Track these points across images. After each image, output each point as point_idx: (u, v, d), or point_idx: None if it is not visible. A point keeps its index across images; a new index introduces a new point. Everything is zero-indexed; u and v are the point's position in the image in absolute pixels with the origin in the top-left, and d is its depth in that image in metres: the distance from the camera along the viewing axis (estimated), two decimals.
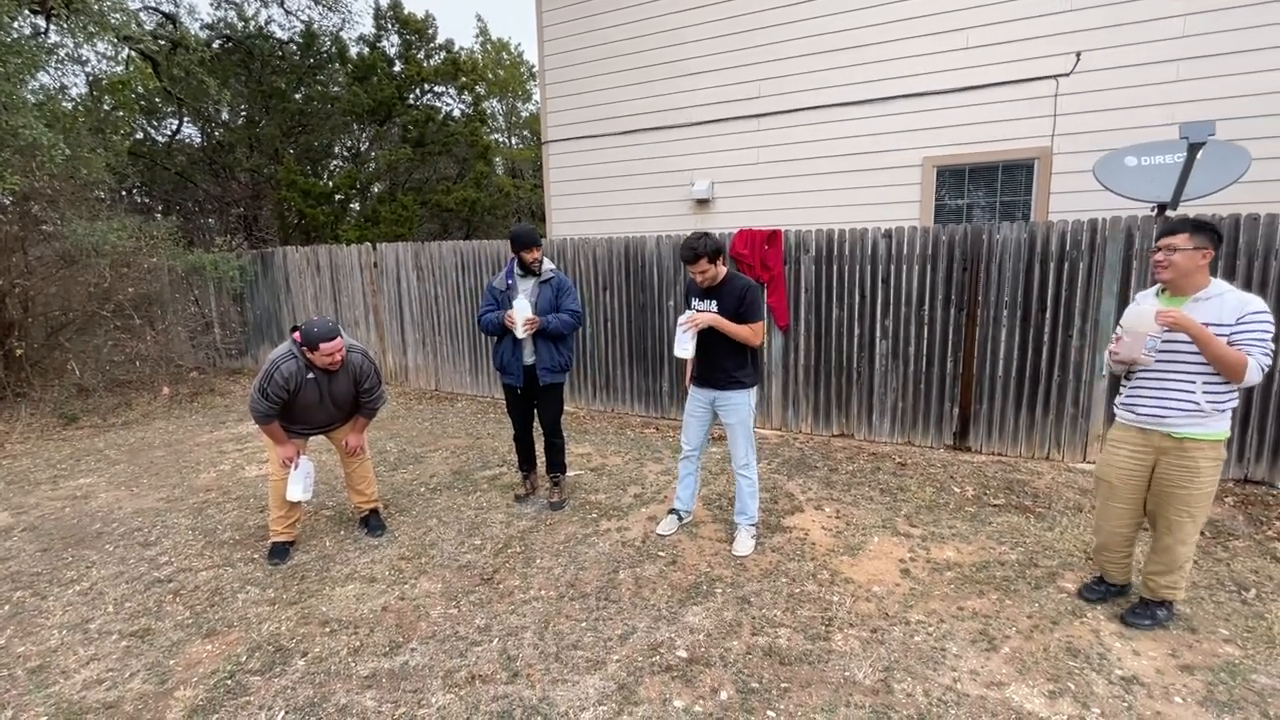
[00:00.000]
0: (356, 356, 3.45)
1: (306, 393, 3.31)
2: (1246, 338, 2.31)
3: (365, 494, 3.76)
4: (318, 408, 3.40)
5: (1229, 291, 2.38)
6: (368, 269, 7.56)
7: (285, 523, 3.49)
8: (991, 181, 6.08)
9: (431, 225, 15.45)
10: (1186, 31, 5.15)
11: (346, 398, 3.47)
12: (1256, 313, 2.31)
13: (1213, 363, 2.34)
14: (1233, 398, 2.41)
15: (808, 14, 6.46)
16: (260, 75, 12.33)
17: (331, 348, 3.20)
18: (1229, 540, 3.41)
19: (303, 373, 3.27)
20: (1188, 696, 2.27)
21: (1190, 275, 2.40)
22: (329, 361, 3.24)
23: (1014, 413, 4.71)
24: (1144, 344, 2.40)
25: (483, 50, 20.40)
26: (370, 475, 3.77)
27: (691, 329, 3.20)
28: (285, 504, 3.45)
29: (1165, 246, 2.42)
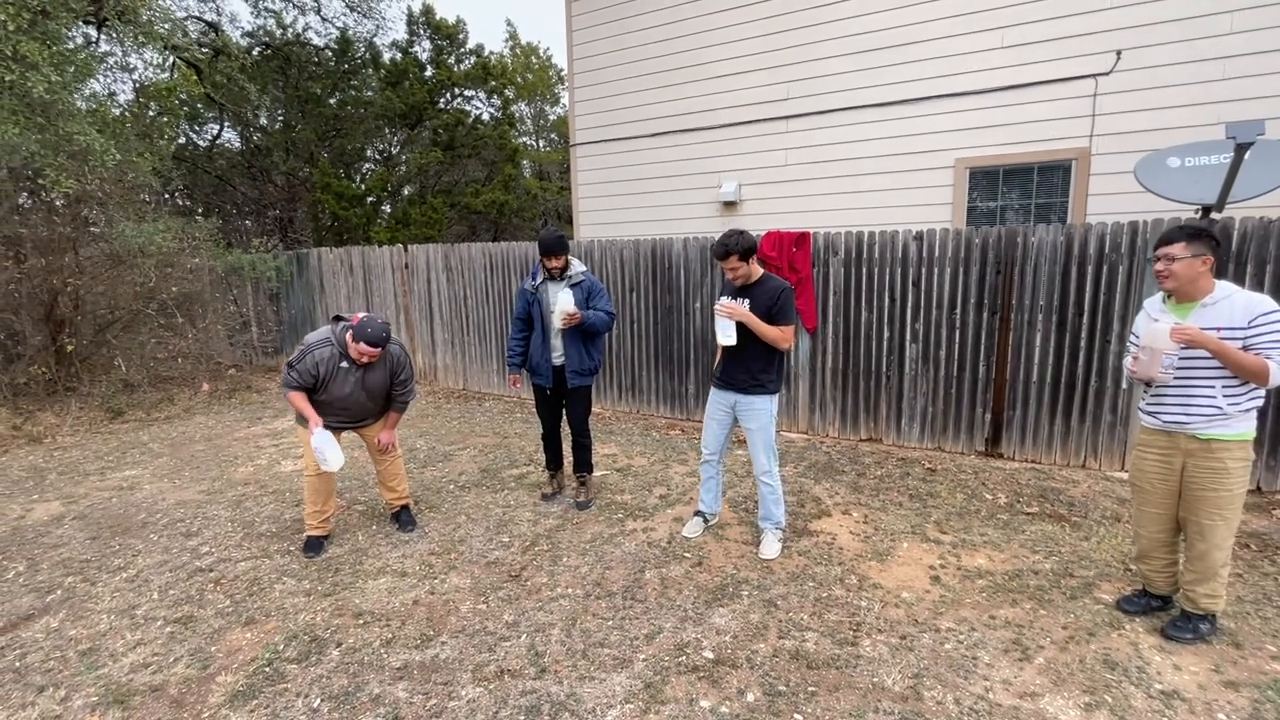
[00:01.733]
0: (396, 348, 3.55)
1: (340, 382, 3.37)
2: (1263, 340, 2.31)
3: (397, 490, 3.84)
4: (351, 398, 3.46)
5: (1237, 293, 2.39)
6: (399, 270, 7.71)
7: (320, 517, 3.58)
8: (1026, 183, 5.96)
9: (460, 227, 15.67)
10: (1234, 28, 4.99)
11: (381, 389, 3.53)
12: (1267, 314, 2.31)
13: (1234, 371, 2.34)
14: (1255, 398, 2.40)
15: (839, 14, 6.42)
16: (297, 81, 12.65)
17: (369, 351, 3.27)
18: (1276, 555, 3.29)
19: (336, 360, 3.34)
20: (1232, 714, 2.20)
21: (1193, 282, 2.42)
22: (357, 354, 3.31)
23: (1049, 419, 4.61)
24: (1161, 362, 2.42)
25: (512, 54, 20.65)
26: (401, 472, 3.84)
27: (727, 318, 3.18)
28: (320, 499, 3.54)
29: (1164, 256, 2.44)
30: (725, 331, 3.21)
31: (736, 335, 3.22)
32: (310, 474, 3.51)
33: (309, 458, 3.49)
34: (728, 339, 3.22)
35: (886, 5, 6.18)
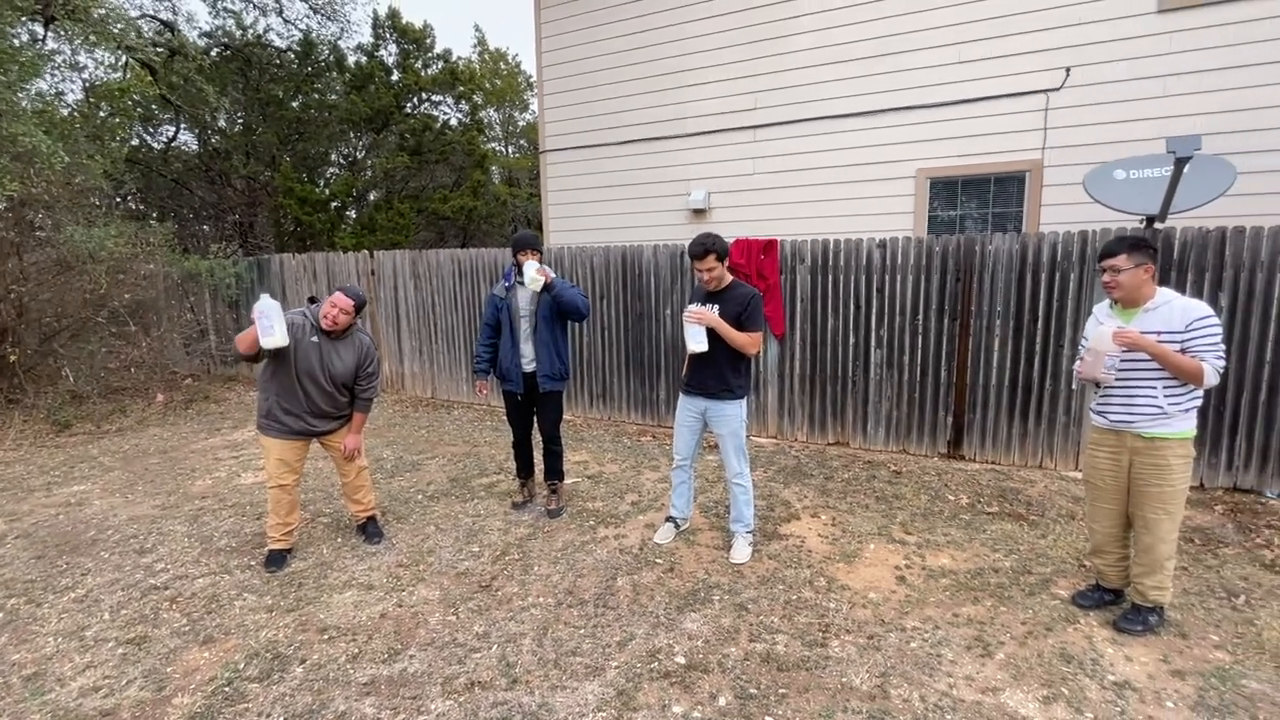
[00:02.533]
0: (365, 338, 3.54)
1: (305, 352, 3.30)
2: (1199, 344, 2.45)
3: (362, 502, 3.76)
4: (314, 380, 3.36)
5: (1176, 299, 2.54)
6: (365, 276, 7.58)
7: (283, 530, 3.49)
8: (984, 193, 6.17)
9: (428, 233, 15.47)
10: (1173, 49, 5.27)
11: (344, 376, 3.45)
12: (1202, 319, 2.46)
13: (1172, 373, 2.48)
14: (1194, 399, 2.54)
15: (804, 28, 6.56)
16: (258, 83, 12.36)
17: (343, 303, 3.29)
18: (1219, 547, 3.46)
19: (306, 331, 3.31)
20: (1179, 701, 2.31)
21: (1137, 289, 2.56)
22: (329, 312, 3.29)
23: (1007, 421, 4.76)
24: (1104, 363, 2.56)
25: (480, 60, 20.53)
26: (367, 483, 3.77)
27: (698, 325, 3.21)
28: (283, 511, 3.44)
29: (1109, 268, 2.57)
30: (696, 338, 3.23)
31: (710, 341, 3.24)
32: (273, 486, 3.42)
33: (271, 467, 3.40)
34: (699, 345, 3.23)
35: (849, 20, 6.35)
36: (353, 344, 3.47)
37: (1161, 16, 5.28)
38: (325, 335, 3.38)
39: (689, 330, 3.24)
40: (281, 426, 3.39)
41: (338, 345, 3.42)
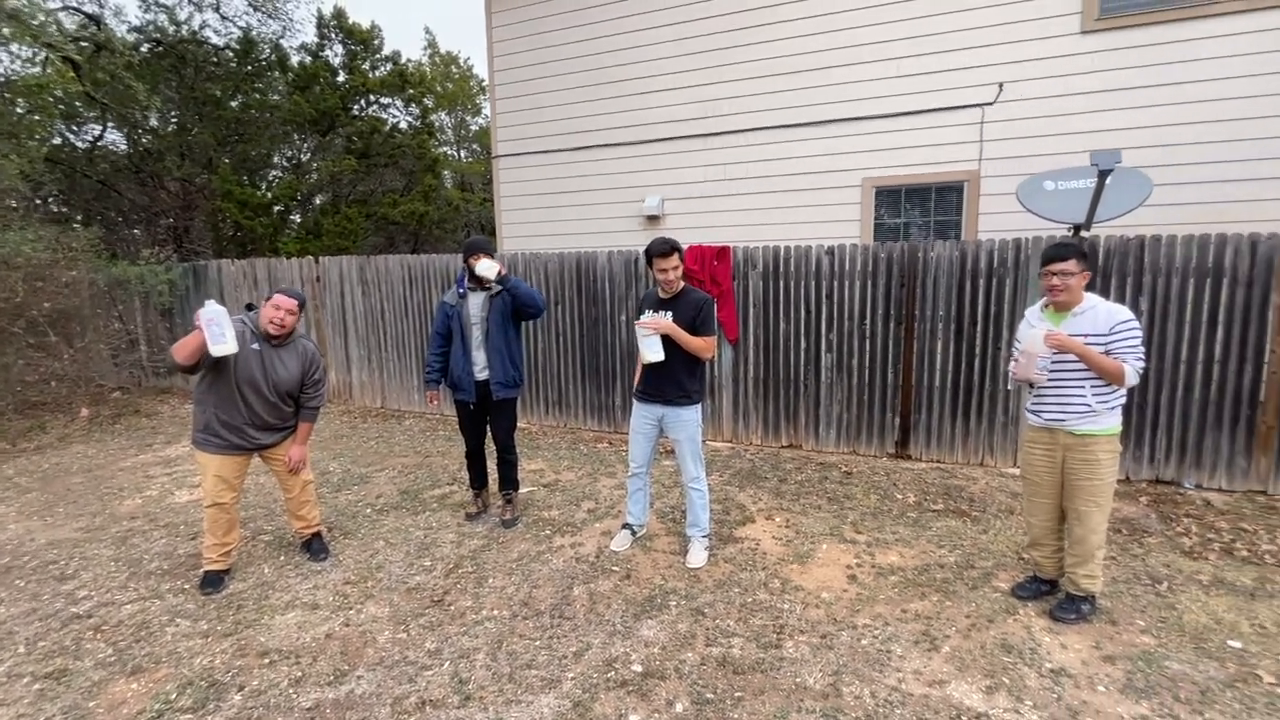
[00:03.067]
0: (310, 344, 3.43)
1: (247, 363, 3.15)
2: (1120, 346, 2.61)
3: (307, 518, 3.61)
4: (257, 390, 3.21)
5: (1100, 303, 2.70)
6: (310, 283, 7.32)
7: (221, 550, 3.31)
8: (926, 202, 6.41)
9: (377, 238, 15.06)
10: (1095, 67, 5.60)
11: (289, 385, 3.31)
12: (1124, 323, 2.62)
13: (1097, 373, 2.63)
14: (1119, 397, 2.70)
15: (753, 39, 6.69)
16: (193, 81, 11.80)
17: (280, 301, 3.17)
18: (1144, 537, 3.67)
19: (245, 337, 3.15)
20: (1110, 685, 2.43)
21: (1075, 291, 2.71)
22: (274, 318, 3.17)
23: (950, 421, 4.94)
24: (1037, 364, 2.69)
25: (431, 63, 20.18)
26: (312, 498, 3.62)
27: (653, 333, 3.20)
28: (221, 530, 3.28)
29: (1059, 272, 2.68)
30: (653, 349, 3.21)
31: (665, 348, 3.23)
32: (210, 504, 3.24)
33: (209, 485, 3.22)
34: (656, 355, 3.21)
35: (794, 33, 6.51)
36: (296, 350, 3.35)
37: (1085, 37, 5.61)
38: (266, 342, 3.24)
39: (645, 341, 3.22)
40: (221, 441, 3.22)
41: (280, 352, 3.29)
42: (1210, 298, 4.22)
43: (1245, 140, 5.21)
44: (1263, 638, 2.70)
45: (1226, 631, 2.74)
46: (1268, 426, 4.19)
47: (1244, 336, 4.17)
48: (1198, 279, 4.23)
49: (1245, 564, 3.33)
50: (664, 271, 3.26)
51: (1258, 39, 5.12)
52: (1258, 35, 5.12)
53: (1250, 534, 3.65)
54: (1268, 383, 4.15)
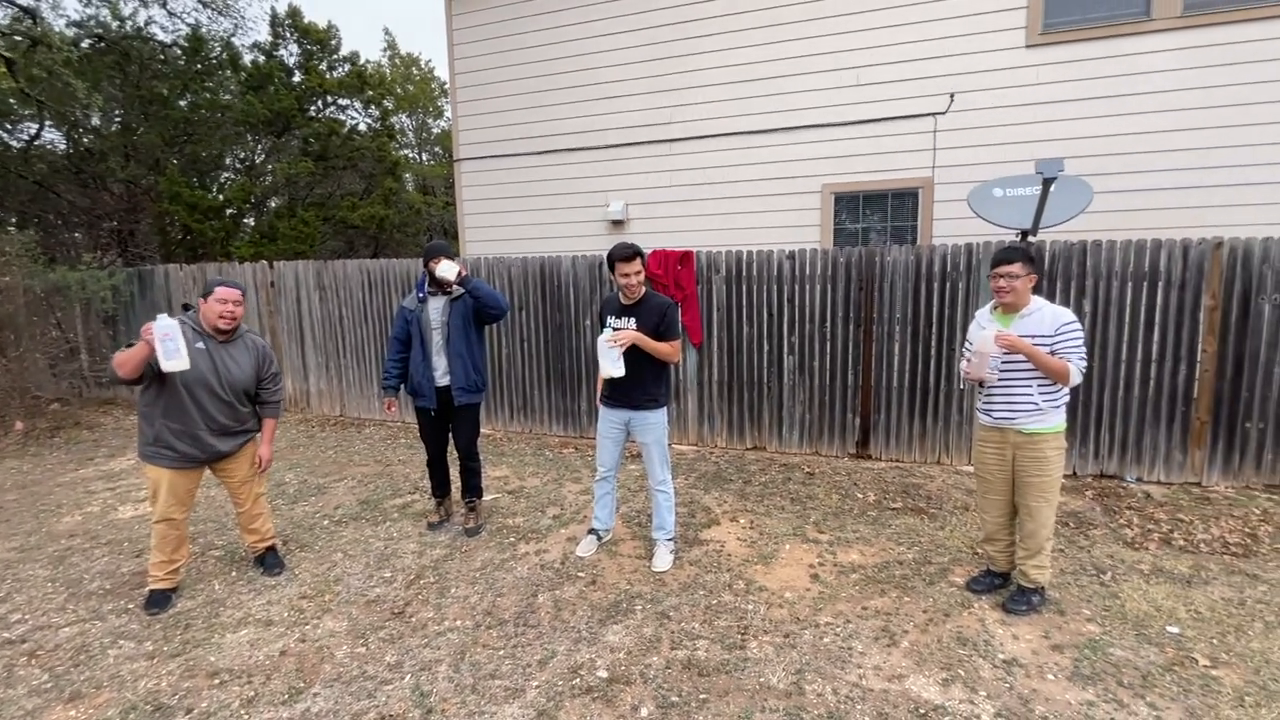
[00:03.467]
0: (259, 338, 3.33)
1: (195, 364, 3.00)
2: (1065, 346, 2.73)
3: (260, 532, 3.48)
4: (210, 390, 3.08)
5: (1046, 306, 2.83)
6: (263, 288, 7.10)
7: (168, 568, 3.17)
8: (883, 208, 6.57)
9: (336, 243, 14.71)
10: (1040, 80, 5.84)
11: (245, 382, 3.20)
12: (1068, 324, 2.75)
13: (1043, 372, 2.75)
14: (1063, 396, 2.83)
15: (716, 46, 6.77)
16: (138, 79, 11.32)
17: (226, 294, 3.07)
18: (1089, 529, 3.83)
19: (189, 336, 3.00)
20: (1059, 673, 2.52)
21: (1023, 296, 2.82)
22: (224, 311, 3.06)
23: (908, 421, 5.07)
24: (988, 364, 2.79)
25: (391, 64, 19.84)
26: (265, 510, 3.50)
27: (617, 348, 3.19)
28: (169, 547, 3.13)
29: (1006, 275, 2.80)
30: (615, 364, 3.18)
31: (633, 355, 3.22)
32: (160, 521, 3.09)
33: (160, 501, 3.06)
34: (617, 371, 3.18)
35: (754, 41, 6.62)
36: (245, 346, 3.23)
37: (1029, 51, 5.85)
38: (212, 339, 3.11)
39: (607, 355, 3.18)
40: (173, 453, 3.06)
41: (229, 349, 3.16)
42: (1147, 300, 4.44)
43: (1179, 150, 5.50)
44: (1198, 622, 2.84)
45: (1165, 618, 2.88)
46: (1201, 422, 4.41)
47: (1178, 337, 4.40)
48: (1135, 282, 4.45)
49: (1182, 553, 3.50)
50: (626, 276, 3.25)
51: (1189, 55, 5.42)
52: (1189, 51, 5.42)
53: (1187, 524, 3.84)
54: (1200, 380, 4.38)
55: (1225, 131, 5.38)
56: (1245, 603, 3.00)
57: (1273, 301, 4.21)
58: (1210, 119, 5.41)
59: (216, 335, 3.13)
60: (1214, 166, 5.42)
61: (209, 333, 3.12)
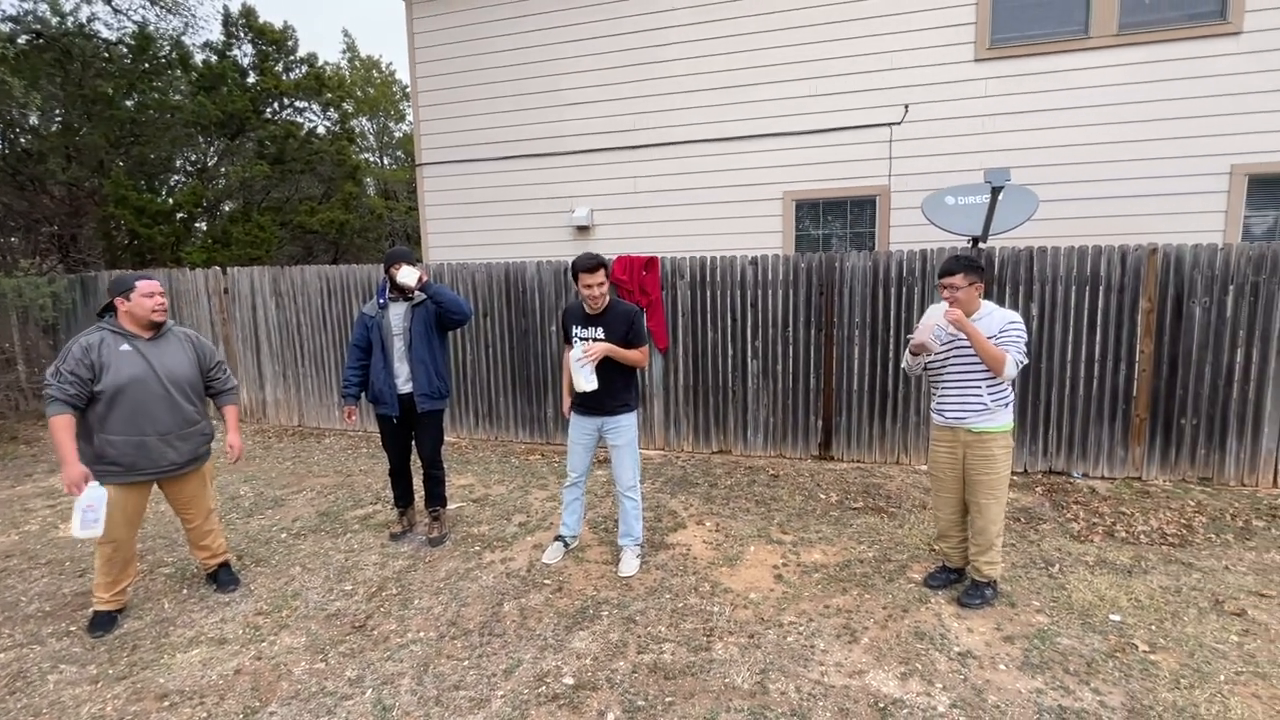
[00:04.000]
0: (190, 330, 3.24)
1: (127, 365, 2.86)
2: (1006, 340, 2.87)
3: (212, 548, 3.36)
4: (153, 392, 2.92)
5: (996, 310, 2.96)
6: (217, 295, 6.88)
7: (114, 589, 3.03)
8: (843, 214, 6.74)
9: (294, 248, 14.32)
10: (988, 92, 6.08)
11: (189, 377, 3.08)
12: (1013, 322, 2.90)
13: (982, 357, 2.84)
14: (1009, 395, 2.95)
15: (676, 55, 6.85)
16: (81, 78, 10.86)
17: (150, 286, 2.94)
18: (1039, 524, 3.98)
19: (112, 345, 2.87)
20: (1009, 663, 2.62)
21: (970, 303, 2.94)
22: (155, 305, 2.94)
23: (869, 423, 5.20)
24: (933, 332, 2.91)
25: (351, 67, 19.45)
26: (216, 526, 3.38)
27: (589, 362, 3.19)
28: (115, 568, 3.00)
29: (948, 286, 2.93)
30: (589, 380, 3.19)
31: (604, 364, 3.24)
32: (106, 542, 2.94)
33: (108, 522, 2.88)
34: (590, 385, 3.19)
35: (716, 50, 6.72)
36: (177, 340, 3.11)
37: (978, 64, 6.08)
38: (138, 339, 2.96)
39: (580, 371, 3.18)
40: (118, 468, 2.90)
41: (159, 345, 3.01)
42: (1090, 303, 4.66)
43: (1117, 161, 5.78)
44: (1138, 610, 2.99)
45: (1108, 607, 3.01)
46: (1140, 419, 4.64)
47: (1118, 338, 4.62)
48: (1079, 286, 4.66)
49: (1124, 544, 3.67)
50: (589, 288, 3.25)
51: (1125, 71, 5.71)
52: (1125, 68, 5.71)
53: (1128, 517, 4.03)
54: (1138, 380, 4.61)
55: (1159, 144, 5.69)
56: (1181, 590, 3.16)
57: (1203, 304, 4.46)
58: (1145, 132, 5.71)
59: (144, 333, 2.99)
60: (1149, 177, 5.72)
61: (134, 333, 2.96)
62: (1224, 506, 4.14)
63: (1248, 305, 4.39)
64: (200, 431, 3.17)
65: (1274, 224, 5.62)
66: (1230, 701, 2.36)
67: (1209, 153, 5.58)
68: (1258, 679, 2.49)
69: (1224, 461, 4.54)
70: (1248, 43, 5.45)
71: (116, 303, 2.96)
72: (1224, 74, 5.51)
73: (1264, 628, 2.83)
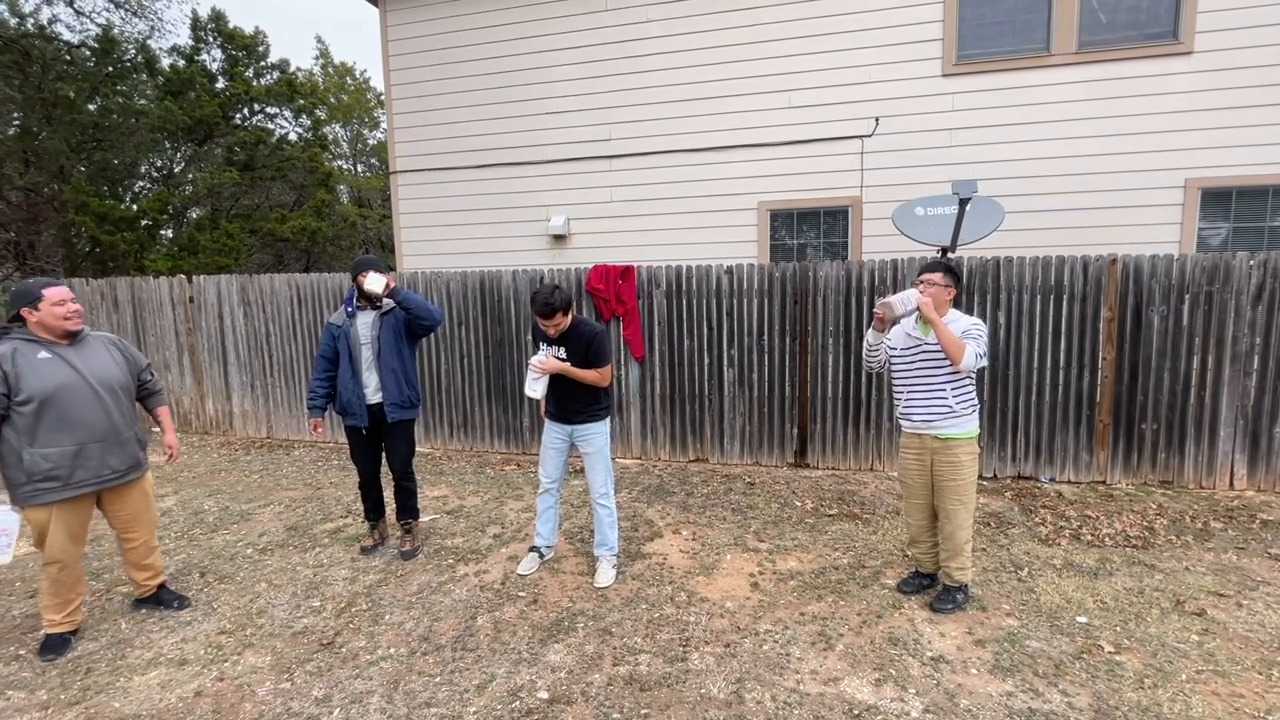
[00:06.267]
0: (110, 334, 3.17)
1: (47, 373, 2.72)
2: (968, 337, 2.92)
3: (154, 567, 3.22)
4: (84, 397, 2.80)
5: (962, 317, 3.03)
6: (182, 304, 6.70)
7: (65, 610, 2.90)
8: (816, 224, 6.83)
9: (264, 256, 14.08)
10: (955, 106, 6.24)
11: (119, 378, 2.96)
12: (975, 324, 2.98)
13: (943, 345, 2.88)
14: (974, 401, 3.02)
15: (655, 65, 6.91)
16: (41, 80, 10.58)
17: (59, 294, 2.78)
18: (1009, 529, 4.05)
19: (25, 352, 2.72)
20: (980, 667, 2.65)
21: (941, 304, 2.99)
22: (67, 312, 2.80)
23: (843, 430, 5.25)
24: (903, 302, 2.92)
25: (324, 73, 19.25)
26: (154, 543, 3.22)
27: (541, 374, 3.29)
28: (64, 589, 2.88)
29: (926, 281, 3.02)
30: (533, 388, 3.30)
31: (563, 379, 3.32)
32: (52, 562, 2.82)
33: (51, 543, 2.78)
34: (535, 393, 3.31)
35: (694, 62, 6.79)
36: (100, 344, 2.99)
37: (945, 79, 6.24)
38: (56, 344, 2.82)
39: (531, 381, 3.30)
40: (56, 483, 2.75)
41: (79, 351, 2.88)
42: (1054, 312, 4.78)
43: (1078, 174, 5.97)
44: (1104, 611, 3.05)
45: (1075, 609, 3.07)
46: (1104, 424, 4.77)
47: (1082, 345, 4.75)
48: (1044, 295, 4.78)
49: (1090, 547, 3.76)
50: (548, 329, 3.26)
51: (1085, 88, 5.91)
52: (1085, 85, 5.91)
53: (1094, 520, 4.12)
54: (1101, 386, 4.74)
55: (1117, 158, 5.89)
56: (1144, 591, 3.24)
57: (1160, 313, 4.61)
58: (1104, 146, 5.91)
59: (62, 340, 2.85)
60: (1108, 190, 5.92)
61: (51, 340, 2.82)
62: (1184, 509, 4.27)
63: (1202, 313, 4.55)
64: (136, 438, 3.05)
65: (1227, 235, 5.84)
66: (1192, 700, 2.42)
67: (1164, 166, 5.80)
68: (1218, 677, 2.56)
69: (1183, 465, 4.68)
70: (1199, 62, 5.68)
71: (24, 314, 2.77)
72: (1177, 91, 5.73)
73: (1223, 627, 2.91)
